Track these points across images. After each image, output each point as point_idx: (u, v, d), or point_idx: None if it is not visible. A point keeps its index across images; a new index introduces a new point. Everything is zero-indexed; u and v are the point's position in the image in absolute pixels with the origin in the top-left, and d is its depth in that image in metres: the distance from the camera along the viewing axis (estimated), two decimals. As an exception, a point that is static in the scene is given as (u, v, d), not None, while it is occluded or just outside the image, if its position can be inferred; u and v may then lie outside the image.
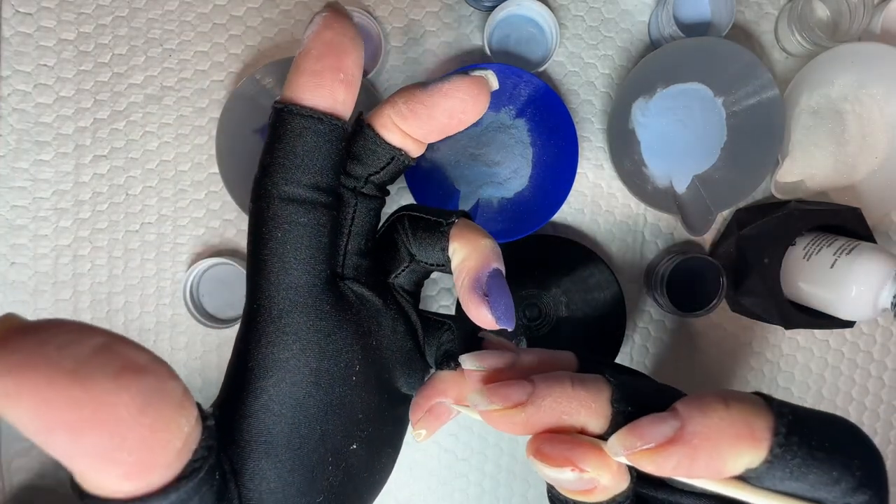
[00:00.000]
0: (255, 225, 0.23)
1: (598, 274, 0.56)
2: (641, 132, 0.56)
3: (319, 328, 0.23)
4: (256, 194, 0.22)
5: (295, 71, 0.22)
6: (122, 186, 0.57)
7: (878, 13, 0.56)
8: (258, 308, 0.23)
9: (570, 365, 0.25)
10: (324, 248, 0.23)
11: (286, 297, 0.22)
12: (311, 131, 0.22)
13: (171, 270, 0.58)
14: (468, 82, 0.23)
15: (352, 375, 0.24)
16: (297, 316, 0.23)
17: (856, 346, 0.60)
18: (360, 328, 0.25)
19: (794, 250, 0.50)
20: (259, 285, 0.23)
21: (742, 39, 0.58)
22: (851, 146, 0.56)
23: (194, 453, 0.19)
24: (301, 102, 0.22)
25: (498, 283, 0.24)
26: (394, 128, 0.24)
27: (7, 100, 0.56)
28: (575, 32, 0.57)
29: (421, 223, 0.26)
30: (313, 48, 0.22)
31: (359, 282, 0.25)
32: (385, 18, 0.57)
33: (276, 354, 0.22)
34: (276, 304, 0.22)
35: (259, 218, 0.22)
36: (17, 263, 0.57)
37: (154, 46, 0.57)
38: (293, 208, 0.22)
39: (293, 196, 0.22)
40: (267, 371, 0.22)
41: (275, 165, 0.22)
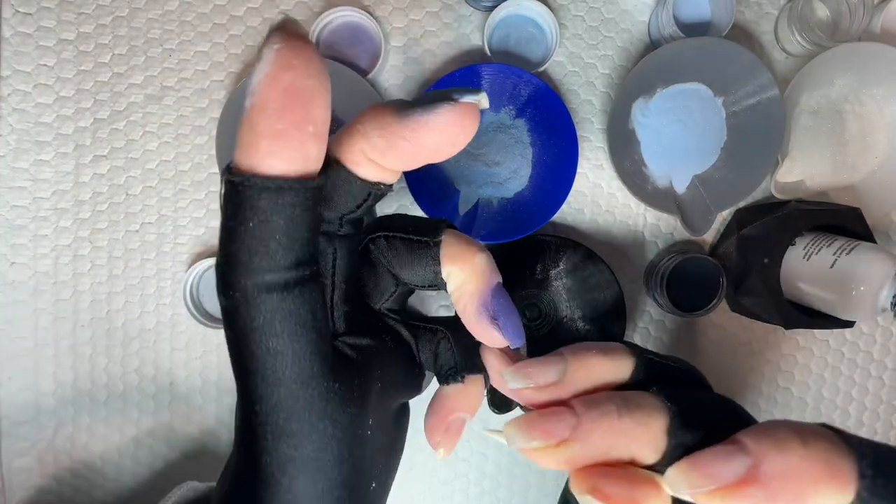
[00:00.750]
0: (234, 325, 0.19)
1: (598, 274, 0.56)
2: (641, 132, 0.56)
3: (330, 412, 0.20)
4: (227, 289, 0.18)
5: (251, 132, 0.17)
6: (122, 186, 0.57)
7: (878, 13, 0.56)
8: (258, 414, 0.20)
9: (625, 368, 0.22)
10: (321, 326, 0.20)
11: (290, 396, 0.19)
12: (284, 205, 0.18)
13: (172, 270, 0.58)
14: (458, 114, 0.19)
15: (367, 431, 0.22)
16: (306, 413, 0.19)
17: (856, 346, 0.60)
18: (366, 381, 0.22)
19: (794, 250, 0.50)
20: (253, 389, 0.19)
21: (742, 39, 0.58)
22: (851, 146, 0.56)
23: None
24: (265, 172, 0.18)
25: (503, 303, 0.22)
26: (369, 163, 0.20)
27: (7, 100, 0.56)
28: (575, 32, 0.57)
29: (402, 245, 0.23)
30: (270, 101, 0.17)
31: (353, 333, 0.22)
32: (385, 18, 0.57)
33: (289, 453, 0.19)
34: (280, 409, 0.19)
35: (237, 316, 0.19)
36: (17, 263, 0.57)
37: (154, 46, 0.57)
38: (278, 297, 0.18)
39: (275, 283, 0.18)
40: (283, 470, 0.20)
41: (245, 252, 0.18)
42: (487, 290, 0.22)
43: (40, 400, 0.58)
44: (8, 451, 0.57)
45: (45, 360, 0.57)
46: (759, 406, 0.60)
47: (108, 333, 0.58)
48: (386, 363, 0.24)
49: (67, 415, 0.58)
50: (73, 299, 0.57)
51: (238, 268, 0.18)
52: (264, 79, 0.17)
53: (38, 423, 0.58)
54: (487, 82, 0.53)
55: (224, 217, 0.18)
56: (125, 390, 0.58)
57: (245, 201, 0.18)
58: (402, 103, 0.20)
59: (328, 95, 0.18)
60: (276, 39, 0.17)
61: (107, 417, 0.58)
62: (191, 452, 0.59)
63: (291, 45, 0.17)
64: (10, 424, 0.58)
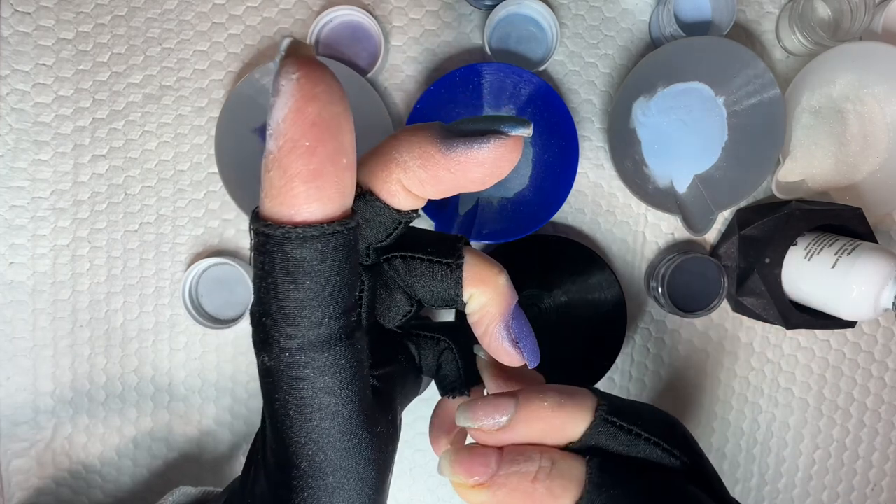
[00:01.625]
0: (280, 385, 0.17)
1: (599, 274, 0.56)
2: (642, 132, 0.56)
3: (370, 454, 0.19)
4: (271, 348, 0.17)
5: (282, 176, 0.16)
6: (120, 186, 0.57)
7: (879, 12, 0.56)
8: (299, 470, 0.18)
9: (576, 427, 0.21)
10: (365, 372, 0.19)
11: (336, 452, 0.18)
12: (329, 251, 0.16)
13: (170, 270, 0.57)
14: (507, 147, 0.18)
15: (393, 454, 0.21)
16: (350, 463, 0.19)
17: (857, 347, 0.60)
18: (393, 410, 0.22)
19: (796, 250, 0.50)
20: (298, 450, 0.18)
21: (743, 39, 0.58)
22: (853, 146, 0.56)
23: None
24: (305, 220, 0.16)
25: (523, 325, 0.22)
26: (405, 193, 0.19)
27: (6, 99, 0.56)
28: (575, 31, 0.57)
29: (421, 266, 0.22)
30: (300, 138, 0.15)
31: (377, 364, 0.21)
32: (385, 17, 0.57)
33: (325, 500, 0.19)
34: (326, 466, 0.18)
35: (284, 377, 0.17)
36: (15, 263, 0.56)
37: (153, 45, 0.56)
38: (330, 353, 0.17)
39: (326, 337, 0.17)
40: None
41: (290, 307, 0.16)
42: (509, 312, 0.22)
43: (39, 400, 0.58)
44: (6, 451, 0.57)
45: (44, 360, 0.57)
46: (761, 406, 0.60)
47: (106, 334, 0.58)
48: (403, 383, 0.23)
49: (66, 415, 0.58)
50: (71, 299, 0.57)
51: (283, 325, 0.16)
52: (289, 115, 0.15)
53: (36, 424, 0.58)
54: (487, 81, 0.53)
55: (261, 271, 0.16)
56: (124, 391, 0.58)
57: (286, 254, 0.16)
58: (443, 132, 0.19)
59: (352, 117, 0.17)
60: (291, 69, 0.16)
61: (105, 418, 0.58)
62: (190, 453, 0.59)
63: (310, 73, 0.15)
64: (9, 425, 0.57)
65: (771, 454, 0.60)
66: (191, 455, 0.59)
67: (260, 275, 0.17)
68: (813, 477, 0.61)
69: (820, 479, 0.61)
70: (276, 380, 0.17)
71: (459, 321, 0.25)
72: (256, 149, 0.55)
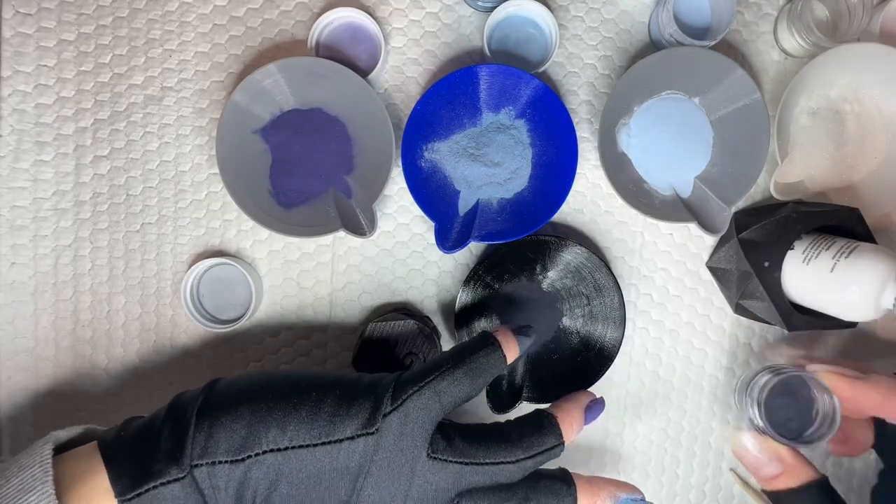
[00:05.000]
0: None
1: (598, 274, 0.56)
2: (632, 152, 0.56)
3: None
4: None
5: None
6: (122, 187, 0.57)
7: (877, 13, 0.56)
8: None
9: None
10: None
11: None
12: None
13: (172, 270, 0.58)
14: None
15: None
16: None
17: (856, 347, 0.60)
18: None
19: (794, 254, 0.50)
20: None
21: (740, 41, 0.58)
22: (851, 147, 0.57)
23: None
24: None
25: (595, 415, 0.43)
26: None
27: (7, 100, 0.56)
28: (574, 33, 0.58)
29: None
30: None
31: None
32: (385, 20, 0.57)
33: None
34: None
35: None
36: (17, 264, 0.57)
37: (154, 47, 0.57)
38: None
39: None
40: None
41: None
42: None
43: (40, 400, 0.58)
44: (7, 450, 0.58)
45: (46, 360, 0.58)
46: (759, 406, 0.60)
47: (108, 334, 0.58)
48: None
49: (67, 415, 0.58)
50: (73, 299, 0.57)
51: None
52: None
53: (37, 424, 0.58)
54: (487, 83, 0.54)
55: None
56: (125, 391, 0.58)
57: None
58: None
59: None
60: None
61: (106, 418, 0.58)
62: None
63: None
64: (10, 424, 0.58)
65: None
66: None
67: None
68: (811, 476, 0.61)
69: (818, 479, 0.61)
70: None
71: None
72: (257, 150, 0.55)
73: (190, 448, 0.36)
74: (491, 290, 0.56)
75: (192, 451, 0.36)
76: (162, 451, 0.36)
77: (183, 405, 0.39)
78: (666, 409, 0.60)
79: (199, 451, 0.36)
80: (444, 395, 0.38)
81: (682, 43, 0.53)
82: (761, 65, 0.58)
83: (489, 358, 0.41)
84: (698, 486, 0.60)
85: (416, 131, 0.53)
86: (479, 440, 0.39)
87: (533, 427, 0.40)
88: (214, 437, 0.37)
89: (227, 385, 0.40)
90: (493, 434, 0.39)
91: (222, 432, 0.37)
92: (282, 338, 0.59)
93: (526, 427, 0.40)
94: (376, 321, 0.53)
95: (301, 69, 0.53)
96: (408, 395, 0.38)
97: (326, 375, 0.41)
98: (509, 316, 0.57)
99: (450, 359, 0.40)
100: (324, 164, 0.55)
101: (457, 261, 0.58)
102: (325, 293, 0.58)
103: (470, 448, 0.38)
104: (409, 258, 0.58)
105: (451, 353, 0.41)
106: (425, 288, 0.59)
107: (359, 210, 0.53)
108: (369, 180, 0.54)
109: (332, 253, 0.58)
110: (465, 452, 0.38)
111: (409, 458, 0.37)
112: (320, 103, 0.55)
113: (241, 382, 0.40)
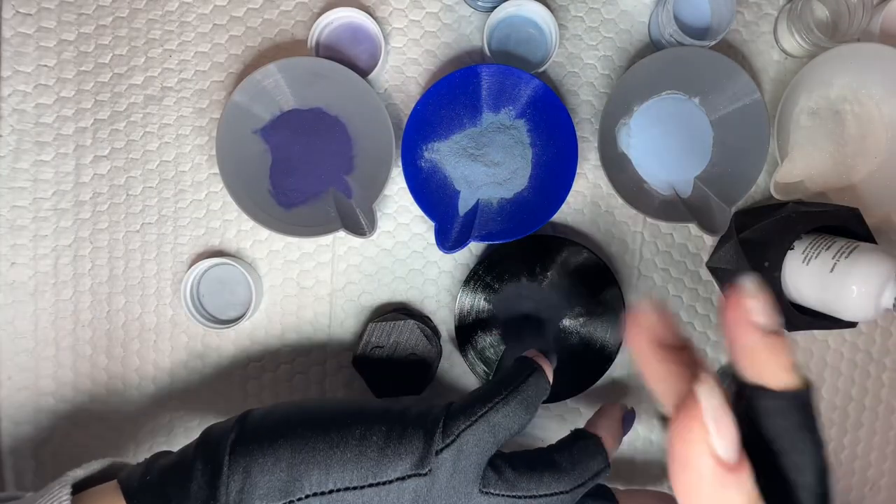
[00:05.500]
0: None
1: (598, 274, 0.56)
2: (632, 153, 0.56)
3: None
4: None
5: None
6: (122, 187, 0.57)
7: (877, 13, 0.56)
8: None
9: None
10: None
11: None
12: None
13: (172, 270, 0.58)
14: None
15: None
16: None
17: (855, 347, 0.60)
18: None
19: (794, 255, 0.50)
20: None
21: (740, 41, 0.58)
22: (851, 147, 0.57)
23: None
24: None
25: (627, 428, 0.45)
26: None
27: (7, 100, 0.56)
28: (574, 33, 0.58)
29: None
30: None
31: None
32: (385, 20, 0.57)
33: None
34: None
35: None
36: (17, 264, 0.57)
37: (154, 47, 0.57)
38: None
39: None
40: None
41: None
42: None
43: (40, 400, 0.58)
44: (7, 450, 0.58)
45: (46, 359, 0.58)
46: (759, 406, 0.60)
47: (108, 333, 0.58)
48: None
49: (67, 415, 0.58)
50: (73, 299, 0.57)
51: None
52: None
53: (37, 423, 0.58)
54: (487, 83, 0.54)
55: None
56: (125, 390, 0.58)
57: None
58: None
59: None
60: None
61: (107, 418, 0.58)
62: (191, 452, 0.59)
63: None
64: (10, 424, 0.58)
65: (769, 454, 0.60)
66: (192, 454, 0.59)
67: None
68: (811, 476, 0.61)
69: (818, 479, 0.61)
70: None
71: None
72: (257, 150, 0.55)
73: (225, 494, 0.33)
74: (491, 290, 0.56)
75: (228, 497, 0.33)
76: (192, 497, 0.34)
77: (214, 441, 0.36)
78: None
79: (235, 496, 0.33)
80: (498, 429, 0.37)
81: (682, 43, 0.53)
82: (761, 65, 0.58)
83: (538, 384, 0.40)
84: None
85: (416, 131, 0.53)
86: (530, 470, 0.37)
87: (580, 452, 0.39)
88: (251, 481, 0.34)
89: (261, 417, 0.38)
90: (542, 462, 0.38)
91: (260, 475, 0.34)
92: (283, 338, 0.59)
93: (573, 452, 0.39)
94: (376, 321, 0.53)
95: (301, 69, 0.53)
96: (461, 429, 0.36)
97: (368, 406, 0.39)
98: (509, 316, 0.57)
99: (499, 389, 0.39)
100: (324, 164, 0.55)
101: (457, 261, 0.58)
102: (325, 293, 0.58)
103: (521, 480, 0.36)
104: (409, 258, 0.58)
105: (499, 382, 0.40)
106: (425, 288, 0.59)
107: (359, 210, 0.53)
108: (369, 180, 0.54)
109: (332, 253, 0.58)
110: (518, 485, 0.36)
111: (462, 495, 0.35)
112: (320, 103, 0.55)
113: (276, 415, 0.38)
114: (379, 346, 0.53)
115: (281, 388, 0.59)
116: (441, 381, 0.58)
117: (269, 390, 0.59)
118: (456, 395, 0.58)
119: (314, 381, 0.59)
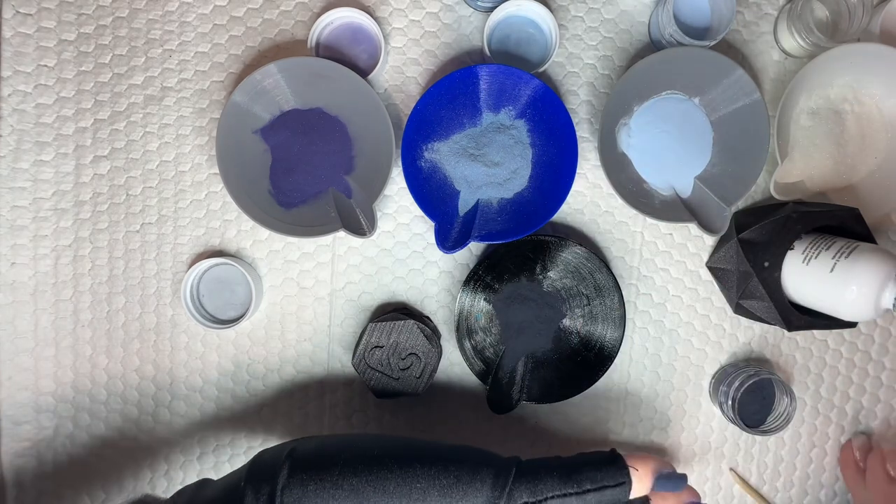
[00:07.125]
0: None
1: (598, 274, 0.56)
2: (631, 152, 0.56)
3: None
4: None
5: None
6: (122, 187, 0.57)
7: (877, 14, 0.56)
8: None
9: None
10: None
11: None
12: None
13: (172, 270, 0.58)
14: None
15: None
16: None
17: (854, 347, 0.60)
18: None
19: (794, 255, 0.50)
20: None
21: (740, 41, 0.58)
22: (851, 146, 0.57)
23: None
24: None
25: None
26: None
27: (7, 100, 0.56)
28: (574, 33, 0.57)
29: None
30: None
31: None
32: (385, 20, 0.57)
33: None
34: None
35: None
36: (17, 263, 0.57)
37: (154, 47, 0.57)
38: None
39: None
40: None
41: None
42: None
43: (41, 400, 0.58)
44: (8, 450, 0.58)
45: (46, 359, 0.58)
46: (759, 406, 0.60)
47: (108, 333, 0.58)
48: None
49: (68, 415, 0.58)
50: (73, 299, 0.57)
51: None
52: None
53: (38, 423, 0.58)
54: (487, 83, 0.54)
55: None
56: (125, 390, 0.58)
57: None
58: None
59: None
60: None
61: (106, 417, 0.58)
62: (190, 453, 0.59)
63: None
64: (11, 424, 0.58)
65: (769, 453, 0.61)
66: (192, 454, 0.59)
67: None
68: (810, 476, 0.61)
69: (817, 478, 0.61)
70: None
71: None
72: (257, 150, 0.55)
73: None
74: (491, 290, 0.56)
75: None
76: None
77: (263, 478, 0.36)
78: (666, 408, 0.60)
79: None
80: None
81: (682, 43, 0.53)
82: (761, 65, 0.58)
83: (616, 493, 0.39)
84: (698, 486, 0.60)
85: (416, 131, 0.53)
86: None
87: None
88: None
89: (309, 462, 0.38)
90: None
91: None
92: (283, 338, 0.59)
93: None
94: (376, 321, 0.53)
95: (301, 69, 0.53)
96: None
97: (428, 448, 0.39)
98: (509, 316, 0.57)
99: (573, 478, 0.38)
100: (324, 164, 0.55)
101: (457, 261, 0.58)
102: (325, 293, 0.58)
103: None
104: (409, 258, 0.59)
105: (574, 467, 0.39)
106: (425, 288, 0.59)
107: (359, 210, 0.53)
108: (369, 180, 0.54)
109: (332, 253, 0.58)
110: None
111: None
112: (320, 103, 0.55)
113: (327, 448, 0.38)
114: (379, 346, 0.53)
115: (282, 388, 0.59)
116: (441, 381, 0.58)
117: (270, 391, 0.59)
118: (456, 395, 0.58)
119: (314, 382, 0.59)
